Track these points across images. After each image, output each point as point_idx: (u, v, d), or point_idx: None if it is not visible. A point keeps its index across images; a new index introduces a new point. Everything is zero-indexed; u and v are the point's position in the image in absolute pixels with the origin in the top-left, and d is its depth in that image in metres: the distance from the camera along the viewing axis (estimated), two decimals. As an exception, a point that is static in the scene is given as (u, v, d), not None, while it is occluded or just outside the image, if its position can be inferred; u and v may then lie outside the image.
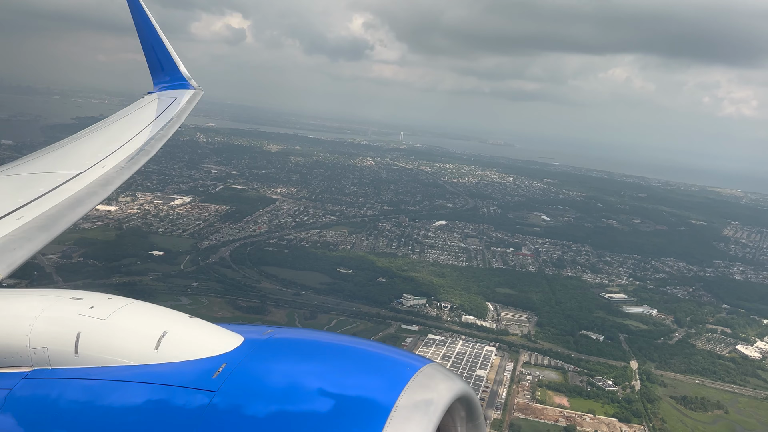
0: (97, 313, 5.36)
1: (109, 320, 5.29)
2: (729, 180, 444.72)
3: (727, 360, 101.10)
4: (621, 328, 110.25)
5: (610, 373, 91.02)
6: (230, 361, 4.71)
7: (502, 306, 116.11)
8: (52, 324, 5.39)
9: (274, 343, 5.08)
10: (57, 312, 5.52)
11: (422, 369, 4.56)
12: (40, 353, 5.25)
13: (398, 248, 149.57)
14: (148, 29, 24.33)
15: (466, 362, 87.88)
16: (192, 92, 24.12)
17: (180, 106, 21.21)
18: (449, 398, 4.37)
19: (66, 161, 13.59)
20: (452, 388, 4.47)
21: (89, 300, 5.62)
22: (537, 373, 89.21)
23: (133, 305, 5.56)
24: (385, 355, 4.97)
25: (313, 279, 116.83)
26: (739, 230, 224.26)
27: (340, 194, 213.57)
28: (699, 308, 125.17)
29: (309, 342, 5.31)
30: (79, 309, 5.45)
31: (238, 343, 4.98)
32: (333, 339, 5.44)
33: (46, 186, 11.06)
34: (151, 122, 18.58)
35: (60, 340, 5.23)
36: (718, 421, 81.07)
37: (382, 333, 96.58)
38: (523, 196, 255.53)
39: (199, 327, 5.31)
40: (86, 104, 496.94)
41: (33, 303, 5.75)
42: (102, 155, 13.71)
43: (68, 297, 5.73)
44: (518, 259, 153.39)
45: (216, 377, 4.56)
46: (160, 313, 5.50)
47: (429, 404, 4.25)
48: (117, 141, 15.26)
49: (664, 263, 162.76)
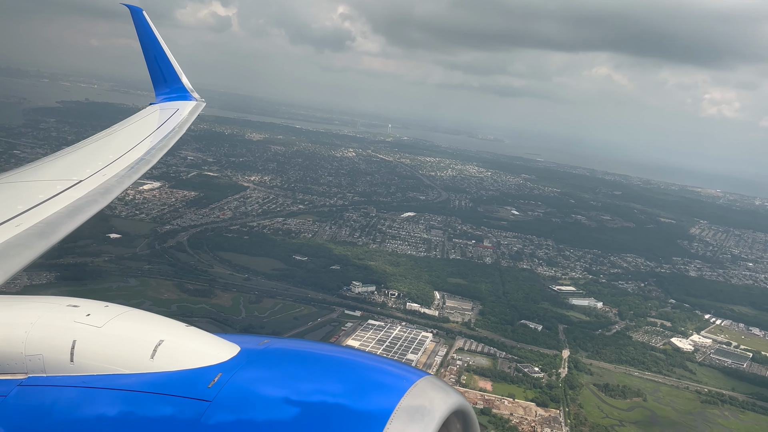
0: (94, 321, 5.39)
1: (105, 328, 5.32)
2: (710, 180, 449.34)
3: (659, 351, 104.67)
4: (562, 318, 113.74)
5: (539, 361, 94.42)
6: (226, 371, 4.75)
7: (450, 295, 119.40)
8: (48, 331, 5.40)
9: (269, 353, 5.12)
10: (53, 319, 5.55)
11: (418, 382, 4.59)
12: (36, 360, 5.26)
13: (360, 238, 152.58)
14: (151, 41, 24.65)
15: (399, 346, 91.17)
16: (194, 104, 24.56)
17: (181, 118, 21.51)
18: (445, 412, 4.38)
19: (66, 170, 13.63)
20: (448, 401, 4.48)
21: (86, 307, 5.66)
22: (468, 359, 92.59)
23: (129, 313, 5.63)
24: (381, 367, 5.00)
25: (267, 265, 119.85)
26: (706, 229, 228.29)
27: (314, 184, 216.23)
28: (644, 302, 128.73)
29: (305, 353, 5.35)
30: (76, 316, 5.48)
31: (234, 352, 5.05)
32: (329, 350, 5.61)
33: (46, 194, 11.14)
34: (152, 132, 18.83)
35: (55, 348, 5.25)
36: (634, 408, 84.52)
37: (323, 318, 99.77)
38: (498, 190, 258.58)
39: (195, 336, 5.37)
40: (75, 88, 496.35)
41: (29, 310, 5.80)
42: (102, 164, 13.83)
43: (65, 304, 5.76)
44: (477, 251, 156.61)
45: (211, 387, 4.60)
46: (157, 321, 5.56)
47: (425, 418, 4.25)
48: (118, 150, 15.49)
49: (623, 259, 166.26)
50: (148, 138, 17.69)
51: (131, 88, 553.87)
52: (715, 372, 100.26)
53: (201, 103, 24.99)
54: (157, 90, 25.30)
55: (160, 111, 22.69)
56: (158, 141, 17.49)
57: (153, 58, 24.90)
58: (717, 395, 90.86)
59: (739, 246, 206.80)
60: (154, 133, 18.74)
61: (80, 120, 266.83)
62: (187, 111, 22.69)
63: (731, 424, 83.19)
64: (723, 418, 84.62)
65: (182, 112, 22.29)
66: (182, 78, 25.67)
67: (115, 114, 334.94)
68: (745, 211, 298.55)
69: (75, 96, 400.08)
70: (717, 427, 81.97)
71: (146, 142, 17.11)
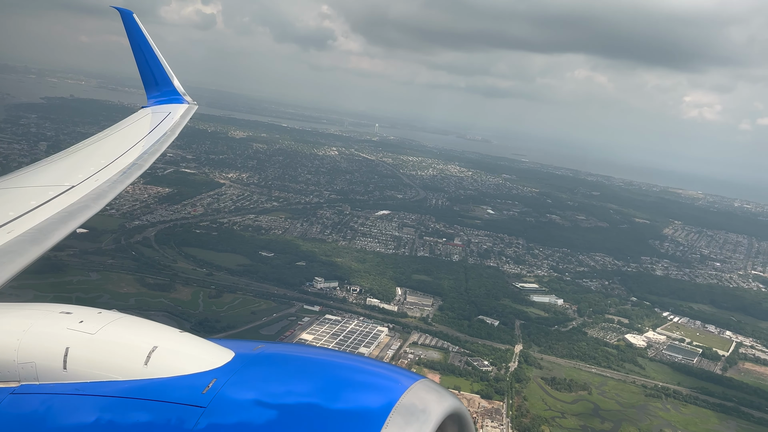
0: (87, 328, 5.39)
1: (98, 335, 5.33)
2: (692, 182, 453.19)
3: (611, 347, 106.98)
4: (520, 315, 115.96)
5: (491, 355, 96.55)
6: (220, 377, 4.78)
7: (412, 291, 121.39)
8: (40, 338, 5.40)
9: (264, 358, 5.15)
10: (46, 326, 5.55)
11: (414, 385, 4.63)
12: (28, 368, 5.24)
13: (330, 235, 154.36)
14: (142, 44, 24.62)
15: (353, 340, 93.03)
16: (186, 107, 24.44)
17: (173, 121, 21.52)
18: (441, 415, 4.41)
19: (58, 175, 13.54)
20: (444, 404, 4.52)
21: (79, 314, 5.66)
22: (420, 352, 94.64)
23: (123, 320, 5.64)
24: (376, 371, 5.06)
25: (232, 261, 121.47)
26: (679, 229, 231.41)
27: (291, 182, 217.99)
28: (604, 300, 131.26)
29: (299, 357, 5.35)
30: (69, 323, 5.49)
31: (229, 358, 5.07)
32: (324, 354, 5.66)
33: (38, 200, 11.04)
34: (145, 137, 18.78)
35: (48, 355, 5.24)
36: (578, 401, 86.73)
37: (281, 312, 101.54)
38: (477, 190, 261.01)
39: (189, 342, 5.40)
40: (62, 84, 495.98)
41: (21, 317, 5.78)
42: (94, 169, 13.84)
43: (57, 311, 5.77)
44: (447, 249, 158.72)
45: (206, 393, 4.61)
46: (150, 327, 5.59)
47: (421, 421, 4.27)
48: (110, 155, 15.48)
49: (591, 258, 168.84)
50: (140, 142, 17.75)
51: (119, 85, 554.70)
52: (664, 367, 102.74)
53: (193, 106, 25.02)
54: (149, 93, 25.32)
55: (152, 114, 22.73)
56: (150, 145, 17.57)
57: (144, 60, 24.94)
58: (662, 389, 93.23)
59: (710, 246, 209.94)
60: (146, 137, 18.81)
61: (62, 116, 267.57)
62: (179, 114, 22.77)
63: (671, 416, 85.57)
64: (664, 411, 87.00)
65: (174, 116, 22.35)
66: (174, 81, 25.66)
67: (98, 110, 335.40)
68: (722, 212, 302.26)
69: (61, 92, 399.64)
70: (657, 419, 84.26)
71: (138, 146, 17.18)
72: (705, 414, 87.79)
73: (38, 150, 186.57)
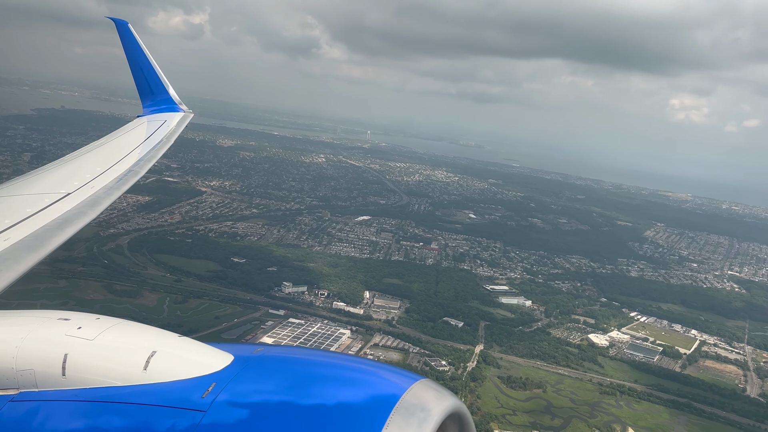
0: (85, 334, 5.42)
1: (97, 340, 5.36)
2: (682, 184, 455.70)
3: (573, 347, 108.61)
4: (486, 316, 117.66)
5: (450, 355, 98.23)
6: (220, 381, 4.81)
7: (381, 294, 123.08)
8: (39, 345, 5.43)
9: (263, 360, 5.18)
10: (44, 333, 5.58)
11: (414, 385, 4.66)
12: (27, 375, 5.27)
13: (306, 240, 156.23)
14: (137, 54, 24.88)
15: (313, 343, 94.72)
16: (181, 115, 24.69)
17: (169, 129, 21.74)
18: (441, 415, 4.45)
19: (54, 183, 13.73)
20: (444, 404, 4.54)
21: (77, 320, 5.69)
22: (380, 354, 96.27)
23: (121, 325, 5.69)
24: (376, 372, 5.11)
25: (203, 267, 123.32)
26: (661, 231, 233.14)
27: (275, 189, 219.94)
28: (572, 300, 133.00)
29: (298, 359, 5.39)
30: (67, 330, 5.51)
31: (228, 361, 5.10)
32: (323, 356, 5.68)
33: (34, 207, 11.09)
34: (140, 144, 19.03)
35: (47, 362, 5.27)
36: (532, 398, 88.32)
37: (246, 317, 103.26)
38: (461, 195, 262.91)
39: (188, 346, 5.44)
40: (55, 96, 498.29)
41: (19, 324, 5.80)
42: (90, 176, 13.93)
43: (56, 318, 5.79)
44: (422, 253, 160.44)
45: (205, 397, 4.64)
46: (149, 332, 5.63)
47: (421, 421, 4.31)
48: (106, 163, 15.66)
49: (567, 260, 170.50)
50: (136, 150, 18.01)
51: (113, 95, 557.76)
52: (624, 365, 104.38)
53: (189, 114, 25.24)
54: (144, 102, 25.54)
55: (147, 123, 22.93)
56: (146, 152, 17.84)
57: (139, 70, 25.22)
58: (617, 387, 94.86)
59: (690, 248, 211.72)
60: (141, 144, 19.09)
61: (51, 127, 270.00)
62: (174, 122, 23.01)
63: (622, 412, 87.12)
64: (617, 407, 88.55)
65: (170, 124, 22.57)
66: (169, 90, 25.86)
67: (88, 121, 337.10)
68: (708, 214, 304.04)
69: (53, 104, 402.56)
70: (608, 415, 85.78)
71: (134, 153, 17.43)
72: (657, 410, 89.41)
73: (21, 161, 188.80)
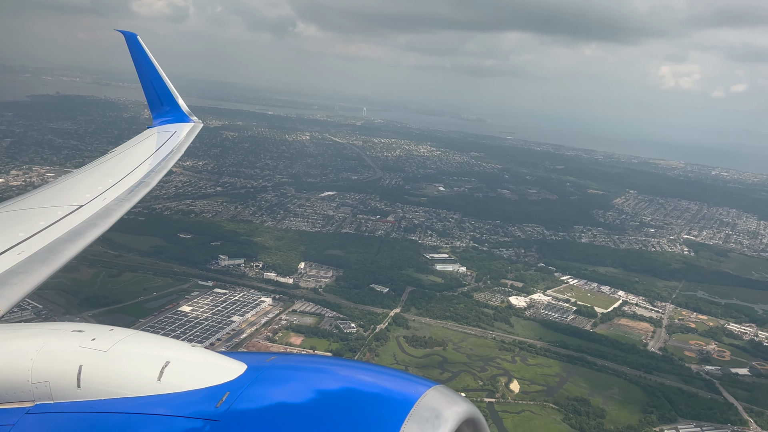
0: (99, 345, 5.54)
1: (111, 352, 5.47)
2: (675, 152, 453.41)
3: (491, 308, 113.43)
4: (415, 282, 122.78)
5: (363, 319, 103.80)
6: (233, 390, 4.90)
7: (317, 265, 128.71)
8: (53, 357, 5.54)
9: (277, 369, 5.27)
10: (58, 345, 5.70)
11: (427, 393, 4.72)
12: (42, 387, 5.37)
13: (261, 216, 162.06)
14: (146, 65, 25.20)
15: (230, 310, 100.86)
16: (191, 125, 24.97)
17: (179, 139, 22.11)
18: (456, 421, 4.51)
19: (66, 195, 13.86)
20: (458, 411, 4.60)
21: (91, 332, 5.83)
22: (294, 319, 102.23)
23: (134, 336, 5.82)
24: (389, 379, 5.17)
25: (147, 243, 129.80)
26: (631, 199, 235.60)
27: (248, 167, 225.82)
28: (506, 266, 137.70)
29: (312, 368, 5.46)
30: (81, 341, 5.63)
31: (242, 371, 5.21)
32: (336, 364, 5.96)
33: (47, 220, 11.20)
34: (151, 155, 19.36)
35: (62, 374, 5.37)
36: (430, 356, 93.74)
37: (174, 288, 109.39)
38: (438, 168, 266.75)
39: (201, 356, 5.58)
40: (55, 82, 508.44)
41: (34, 337, 5.93)
42: (102, 188, 14.12)
43: (69, 330, 5.93)
44: (375, 225, 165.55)
45: (219, 406, 4.73)
46: (162, 343, 5.79)
47: (435, 428, 4.36)
48: (117, 174, 15.83)
49: (520, 228, 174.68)
50: (146, 161, 18.30)
51: (114, 80, 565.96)
52: (535, 324, 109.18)
53: (198, 125, 25.61)
54: (154, 113, 25.82)
55: (158, 134, 23.23)
56: (157, 163, 18.14)
57: (149, 81, 25.48)
58: (519, 343, 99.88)
59: (655, 213, 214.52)
60: (152, 155, 19.41)
61: (40, 114, 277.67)
62: (184, 132, 23.40)
63: (514, 367, 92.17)
64: (510, 362, 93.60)
65: (180, 134, 23.00)
66: (178, 100, 26.09)
67: (79, 107, 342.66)
68: (690, 181, 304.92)
69: (52, 90, 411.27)
70: (498, 369, 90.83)
71: (145, 164, 17.71)
72: (550, 363, 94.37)
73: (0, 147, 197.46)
